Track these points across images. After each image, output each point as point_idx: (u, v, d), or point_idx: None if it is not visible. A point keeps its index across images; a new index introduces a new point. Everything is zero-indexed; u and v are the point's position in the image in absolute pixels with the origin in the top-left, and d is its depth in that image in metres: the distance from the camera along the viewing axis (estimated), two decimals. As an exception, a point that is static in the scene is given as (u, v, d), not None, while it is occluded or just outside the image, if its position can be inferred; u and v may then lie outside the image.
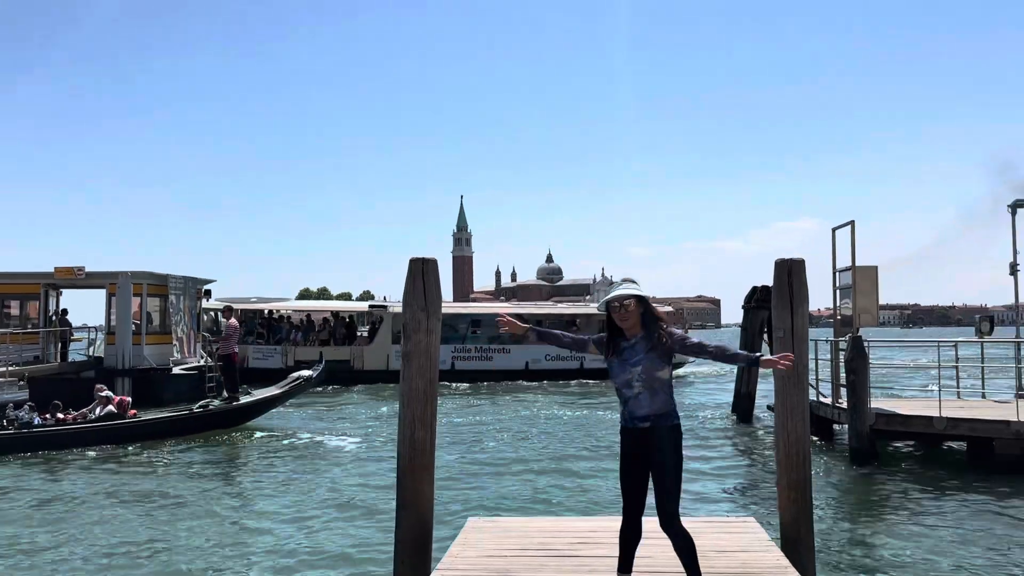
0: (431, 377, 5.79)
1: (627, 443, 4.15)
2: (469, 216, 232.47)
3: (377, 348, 30.28)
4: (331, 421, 18.80)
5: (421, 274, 5.80)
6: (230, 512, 9.74)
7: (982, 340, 14.26)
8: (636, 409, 4.08)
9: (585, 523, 5.96)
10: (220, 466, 13.11)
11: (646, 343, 4.09)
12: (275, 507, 9.94)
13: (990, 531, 8.50)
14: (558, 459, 13.23)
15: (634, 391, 4.07)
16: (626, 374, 4.09)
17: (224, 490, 11.13)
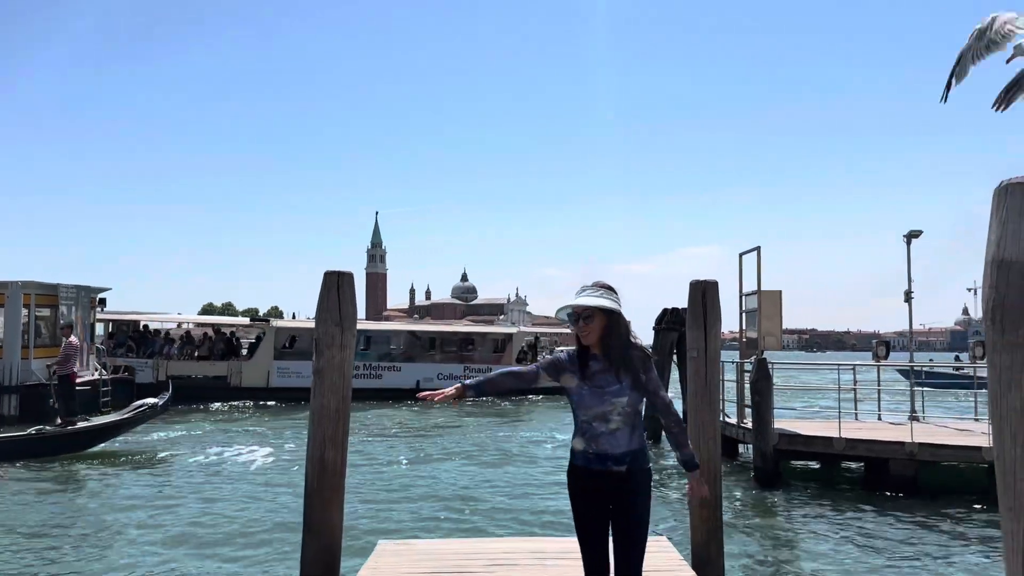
0: (344, 395, 5.60)
1: (588, 487, 3.44)
2: (384, 233, 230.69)
3: (257, 364, 29.08)
4: (209, 440, 18.09)
5: (336, 287, 5.62)
6: (101, 545, 9.19)
7: (878, 364, 14.91)
8: (611, 447, 3.39)
9: (500, 544, 5.86)
10: (67, 493, 12.26)
11: (616, 368, 3.44)
12: (152, 536, 9.43)
13: (888, 548, 8.83)
14: (454, 480, 13.09)
15: (611, 426, 3.40)
16: (603, 405, 3.40)
17: (83, 519, 10.45)
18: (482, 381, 3.57)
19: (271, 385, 28.43)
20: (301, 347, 29.70)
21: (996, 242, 2.27)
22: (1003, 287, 2.24)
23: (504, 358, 31.87)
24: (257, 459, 15.13)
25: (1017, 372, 2.23)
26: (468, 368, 30.78)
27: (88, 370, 23.40)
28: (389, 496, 11.77)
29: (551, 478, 13.10)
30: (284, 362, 29.06)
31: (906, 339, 15.63)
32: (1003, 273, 2.24)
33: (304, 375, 28.96)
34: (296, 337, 30.52)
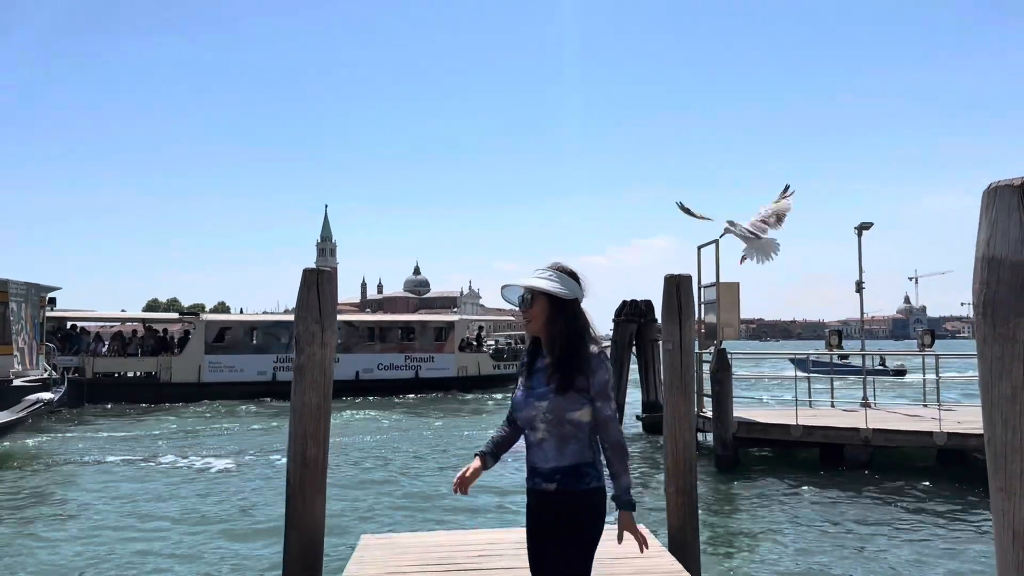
0: (326, 392, 5.61)
1: (529, 506, 2.92)
2: (334, 226, 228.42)
3: (187, 359, 28.31)
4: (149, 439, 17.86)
5: (316, 285, 5.61)
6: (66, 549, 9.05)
7: (831, 352, 15.36)
8: (538, 461, 2.86)
9: (483, 535, 5.94)
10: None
11: (556, 367, 2.84)
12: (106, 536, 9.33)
13: (845, 525, 9.17)
14: (400, 475, 13.14)
15: (537, 436, 2.85)
16: (530, 410, 2.85)
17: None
18: (496, 445, 3.07)
19: (203, 380, 27.80)
20: (232, 340, 29.16)
21: (986, 241, 2.41)
22: (993, 283, 2.38)
23: (446, 346, 31.59)
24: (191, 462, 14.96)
25: (1007, 363, 2.38)
26: (409, 357, 30.56)
27: (36, 369, 22.83)
28: (361, 489, 11.80)
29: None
30: (216, 356, 28.46)
31: (851, 327, 16.12)
32: (993, 270, 2.38)
33: (237, 369, 28.38)
34: (227, 330, 29.78)
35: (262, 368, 28.69)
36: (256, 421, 21.30)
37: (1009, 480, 2.35)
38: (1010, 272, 2.28)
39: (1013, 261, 2.30)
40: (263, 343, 29.69)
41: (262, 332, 30.25)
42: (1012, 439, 2.33)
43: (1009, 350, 2.30)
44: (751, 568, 7.72)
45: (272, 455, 14.90)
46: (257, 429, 19.50)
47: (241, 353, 28.91)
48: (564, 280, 2.89)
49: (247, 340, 29.58)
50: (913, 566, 7.71)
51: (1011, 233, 2.28)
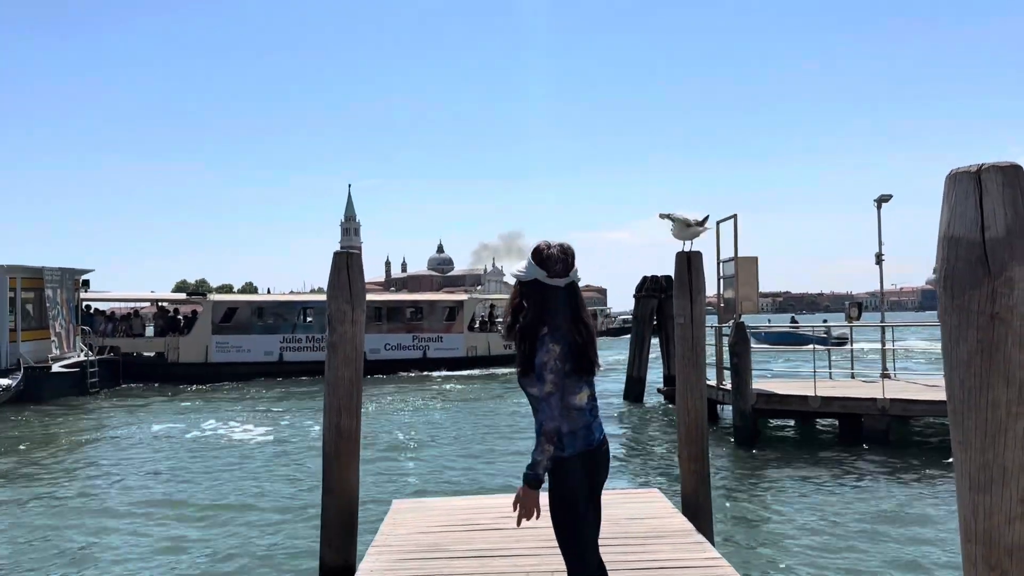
0: (356, 366, 5.98)
1: (585, 470, 3.14)
2: (357, 206, 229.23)
3: (194, 339, 28.44)
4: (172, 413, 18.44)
5: (346, 267, 5.97)
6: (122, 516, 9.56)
7: (851, 325, 15.52)
8: (597, 429, 3.21)
9: (504, 499, 6.27)
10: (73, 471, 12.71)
11: None
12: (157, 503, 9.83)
13: (861, 497, 9.43)
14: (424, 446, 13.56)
15: (591, 405, 3.20)
16: (590, 388, 3.19)
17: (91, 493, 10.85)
18: (541, 449, 2.96)
19: (210, 360, 27.96)
20: (240, 320, 29.21)
21: (947, 222, 2.69)
22: (952, 259, 2.67)
23: (455, 326, 31.20)
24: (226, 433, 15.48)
25: (963, 330, 2.67)
26: (417, 338, 30.35)
27: (74, 352, 23.57)
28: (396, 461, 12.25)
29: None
30: (223, 336, 28.50)
31: (878, 299, 16.24)
32: (952, 248, 2.67)
33: (244, 349, 28.36)
34: (234, 311, 29.76)
35: (269, 348, 28.78)
36: (263, 402, 21.86)
37: (965, 434, 2.65)
38: (966, 250, 2.56)
39: (968, 240, 2.58)
40: (270, 323, 29.74)
41: (269, 312, 30.31)
42: (967, 398, 2.62)
43: (964, 319, 2.59)
44: (766, 534, 8.02)
45: (289, 429, 15.39)
46: (265, 408, 20.05)
47: (248, 333, 29.04)
48: (524, 266, 3.15)
49: (254, 320, 29.65)
50: (926, 532, 7.96)
51: (967, 215, 2.56)
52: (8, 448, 14.07)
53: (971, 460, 2.66)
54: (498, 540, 5.05)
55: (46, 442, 14.74)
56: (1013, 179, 2.60)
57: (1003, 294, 2.55)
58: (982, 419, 2.63)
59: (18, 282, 21.45)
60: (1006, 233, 2.56)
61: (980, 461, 2.62)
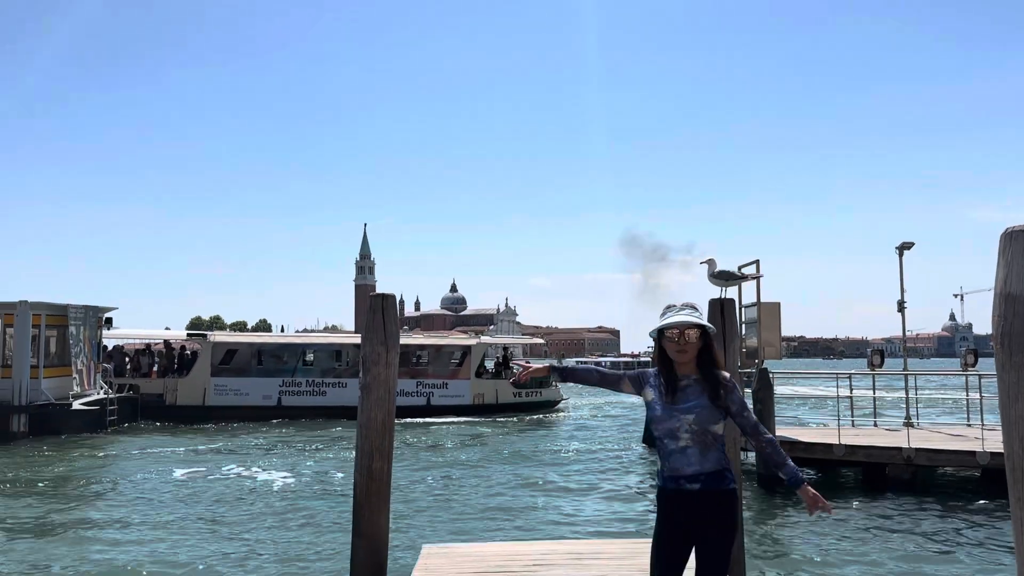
0: (389, 408, 5.99)
1: (667, 507, 3.39)
2: (372, 245, 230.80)
3: (193, 381, 27.54)
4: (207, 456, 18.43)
5: (381, 310, 6.01)
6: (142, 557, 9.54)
7: (873, 372, 15.41)
8: (683, 466, 3.33)
9: (537, 547, 6.26)
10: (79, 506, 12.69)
11: (701, 387, 3.39)
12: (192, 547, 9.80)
13: (888, 547, 9.28)
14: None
15: (680, 444, 3.34)
16: (673, 421, 3.34)
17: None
18: (569, 369, 3.81)
19: (207, 403, 27.02)
20: (240, 363, 28.29)
21: (1004, 279, 2.70)
22: (1010, 316, 2.68)
23: (462, 372, 29.67)
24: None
25: (1022, 387, 2.67)
26: (421, 384, 28.89)
27: (94, 389, 23.70)
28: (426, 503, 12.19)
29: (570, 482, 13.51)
30: (222, 379, 27.59)
31: (894, 345, 16.14)
32: (1010, 305, 2.68)
33: (242, 392, 27.25)
34: (235, 352, 28.84)
35: (267, 392, 27.83)
36: (271, 445, 21.81)
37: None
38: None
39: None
40: (269, 366, 28.81)
41: (268, 354, 29.31)
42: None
43: (1022, 377, 2.60)
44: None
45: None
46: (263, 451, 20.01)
47: (248, 376, 28.11)
48: (702, 315, 3.54)
49: (254, 363, 28.72)
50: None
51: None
52: (26, 482, 14.11)
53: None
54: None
55: (62, 478, 14.76)
56: (1070, 237, 2.63)
57: (1062, 352, 2.57)
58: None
59: (42, 319, 21.64)
60: (1067, 291, 2.58)
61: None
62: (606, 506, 12.20)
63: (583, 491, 13.37)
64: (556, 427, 25.82)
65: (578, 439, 21.66)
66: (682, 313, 3.44)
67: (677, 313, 3.44)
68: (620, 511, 11.78)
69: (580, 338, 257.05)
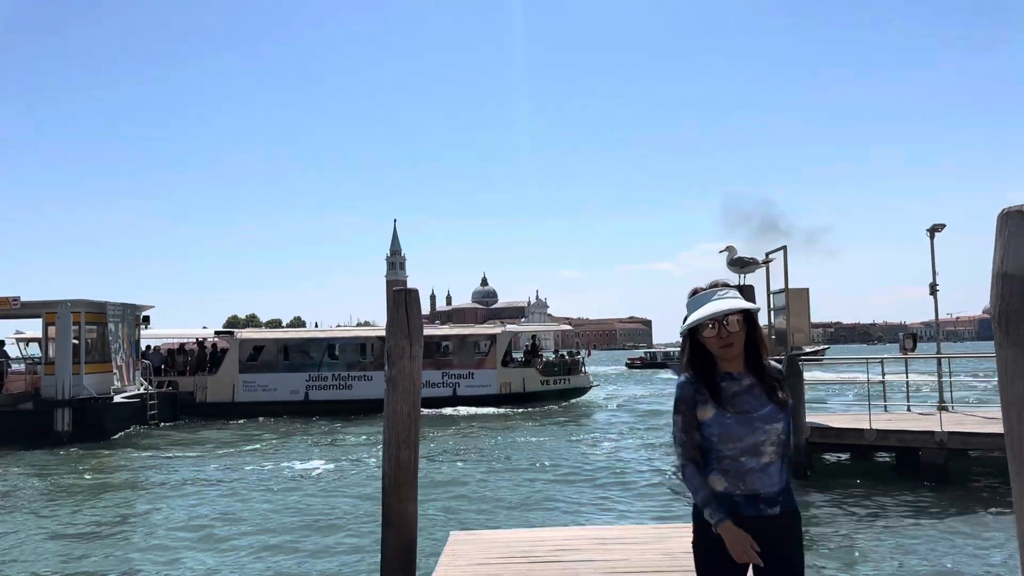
0: (414, 400, 6.12)
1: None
2: (403, 240, 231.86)
3: (222, 378, 27.86)
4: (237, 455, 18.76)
5: (404, 304, 6.14)
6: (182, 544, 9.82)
7: (906, 356, 15.24)
8: (764, 486, 2.70)
9: (561, 532, 6.38)
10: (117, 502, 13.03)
11: (761, 386, 2.78)
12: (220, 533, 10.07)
13: (922, 534, 9.25)
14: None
15: (763, 460, 2.70)
16: (757, 435, 2.70)
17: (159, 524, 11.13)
18: (702, 494, 2.74)
19: (237, 400, 27.35)
20: (267, 359, 28.57)
21: (1000, 260, 2.75)
22: (1007, 296, 2.73)
23: (487, 361, 29.39)
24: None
25: (1020, 365, 2.72)
26: (446, 374, 28.81)
27: (134, 384, 24.27)
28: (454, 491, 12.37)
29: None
30: (250, 375, 27.88)
31: (933, 329, 15.93)
32: (1006, 285, 2.73)
33: (270, 388, 27.45)
34: (261, 348, 29.15)
35: (294, 387, 28.04)
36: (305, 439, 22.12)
37: (1023, 467, 2.68)
38: (1021, 286, 2.62)
39: (1022, 277, 2.64)
40: (295, 361, 28.96)
41: (295, 349, 29.51)
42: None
43: (1020, 355, 2.64)
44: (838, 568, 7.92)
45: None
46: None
47: (276, 371, 28.34)
48: (739, 294, 2.86)
49: (280, 358, 28.93)
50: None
51: (1021, 253, 2.63)
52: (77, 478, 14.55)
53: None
54: (557, 572, 5.12)
55: (103, 485, 15.19)
56: (1065, 218, 2.66)
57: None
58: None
59: (82, 316, 22.19)
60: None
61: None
62: (634, 495, 12.27)
63: (610, 482, 13.44)
64: (585, 416, 25.91)
65: (606, 428, 21.73)
66: (718, 298, 2.78)
67: (712, 299, 2.78)
68: (648, 501, 11.84)
69: (611, 328, 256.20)
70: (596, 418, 25.38)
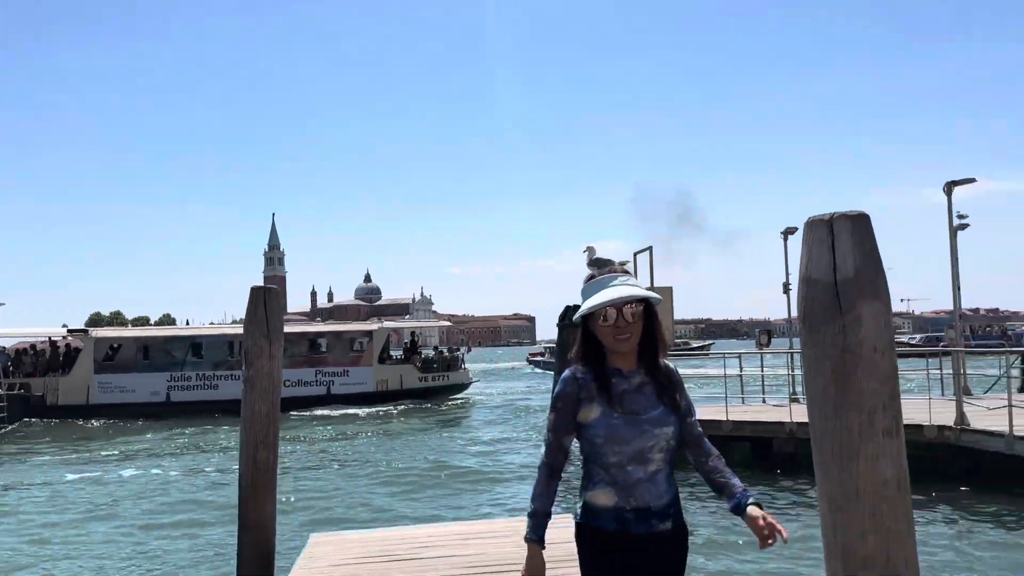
0: (273, 400, 6.02)
1: (630, 559, 2.45)
2: (282, 235, 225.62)
3: (75, 379, 26.62)
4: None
5: (263, 302, 6.03)
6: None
7: (762, 352, 16.17)
8: (653, 498, 2.47)
9: (424, 530, 6.40)
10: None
11: (652, 385, 2.54)
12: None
13: (783, 519, 9.81)
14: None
15: (650, 468, 2.47)
16: (645, 439, 2.45)
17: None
18: (535, 505, 2.56)
19: (92, 402, 26.20)
20: (124, 359, 27.47)
21: (805, 264, 2.97)
22: (810, 299, 2.95)
23: (364, 359, 28.95)
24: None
25: (820, 361, 2.95)
26: (320, 372, 28.21)
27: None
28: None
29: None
30: (106, 376, 26.70)
31: (792, 326, 16.97)
32: (810, 287, 2.95)
33: (128, 389, 26.32)
34: (118, 347, 28.06)
35: (155, 388, 26.98)
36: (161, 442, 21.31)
37: (824, 456, 2.92)
38: (821, 290, 2.85)
39: (823, 281, 2.87)
40: (156, 361, 27.86)
41: (155, 348, 28.38)
42: (825, 424, 2.90)
43: (821, 352, 2.87)
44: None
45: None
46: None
47: (133, 371, 27.16)
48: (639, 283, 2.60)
49: (139, 358, 27.75)
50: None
51: (823, 259, 2.86)
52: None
53: (829, 481, 2.93)
54: (415, 570, 5.15)
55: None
56: (860, 227, 2.90)
57: (852, 330, 2.83)
58: (837, 443, 2.89)
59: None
60: (855, 275, 2.83)
61: (837, 481, 2.88)
62: (503, 489, 12.44)
63: (481, 477, 13.58)
64: (462, 412, 26.02)
65: (485, 423, 21.92)
66: (618, 284, 2.50)
67: (612, 284, 2.50)
68: (515, 495, 12.02)
69: (496, 325, 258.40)
70: (473, 414, 25.52)
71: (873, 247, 2.75)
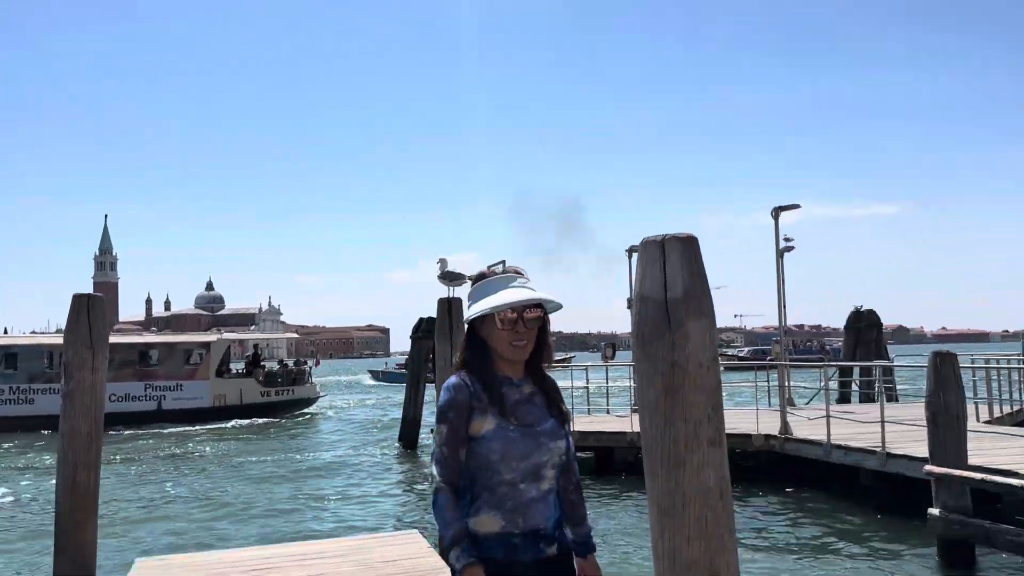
0: (96, 416, 5.63)
1: None
2: (115, 239, 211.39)
3: None
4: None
5: (86, 310, 5.63)
6: None
7: (607, 364, 16.74)
8: (543, 520, 2.31)
9: (259, 551, 6.13)
10: None
11: (544, 395, 2.41)
12: None
13: (619, 524, 10.18)
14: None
15: (544, 486, 2.32)
16: (541, 453, 2.30)
17: None
18: (452, 529, 2.21)
19: None
20: None
21: (640, 281, 3.09)
22: (644, 314, 3.07)
23: (200, 372, 27.13)
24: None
25: (652, 375, 3.07)
26: (150, 386, 26.31)
27: None
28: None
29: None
30: None
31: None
32: (643, 304, 3.07)
33: None
34: None
35: None
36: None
37: (653, 464, 3.04)
38: (653, 307, 2.98)
39: (655, 299, 3.00)
40: None
41: None
42: (655, 433, 3.03)
43: (652, 366, 3.00)
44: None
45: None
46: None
47: None
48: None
49: None
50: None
51: (655, 278, 2.99)
52: None
53: (658, 488, 3.05)
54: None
55: None
56: (689, 248, 3.05)
57: (681, 345, 2.96)
58: (667, 452, 3.01)
59: None
60: (683, 294, 2.97)
61: (665, 488, 3.00)
62: (349, 508, 12.18)
63: (332, 496, 13.24)
64: (307, 427, 25.28)
65: (331, 439, 21.42)
66: (517, 285, 2.36)
67: (510, 286, 2.35)
68: (362, 513, 11.80)
69: (349, 337, 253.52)
70: (320, 428, 24.84)
71: (700, 268, 2.90)
